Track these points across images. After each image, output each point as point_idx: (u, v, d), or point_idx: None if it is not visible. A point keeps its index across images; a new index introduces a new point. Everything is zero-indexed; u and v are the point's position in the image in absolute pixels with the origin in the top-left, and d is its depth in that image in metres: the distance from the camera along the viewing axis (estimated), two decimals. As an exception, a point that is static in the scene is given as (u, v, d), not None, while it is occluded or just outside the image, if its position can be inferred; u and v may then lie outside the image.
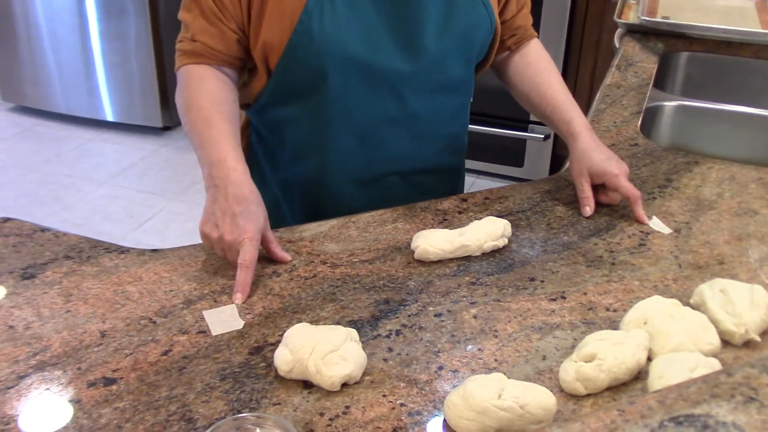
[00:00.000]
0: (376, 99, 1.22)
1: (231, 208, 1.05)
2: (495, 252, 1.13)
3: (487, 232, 1.13)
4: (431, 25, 1.19)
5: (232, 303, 1.01)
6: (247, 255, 1.03)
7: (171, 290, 1.04)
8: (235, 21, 1.16)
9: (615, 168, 1.21)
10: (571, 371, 0.87)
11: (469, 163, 3.28)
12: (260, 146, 1.35)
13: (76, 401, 0.85)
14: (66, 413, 0.84)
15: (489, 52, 1.33)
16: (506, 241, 1.15)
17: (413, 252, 1.11)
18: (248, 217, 1.05)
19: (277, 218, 1.35)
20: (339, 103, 1.22)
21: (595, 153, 1.24)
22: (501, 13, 1.31)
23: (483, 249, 1.13)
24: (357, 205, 1.26)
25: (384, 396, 0.86)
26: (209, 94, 1.17)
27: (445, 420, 0.83)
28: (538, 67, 1.36)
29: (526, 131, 3.23)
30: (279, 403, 0.85)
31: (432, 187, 1.36)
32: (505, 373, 0.86)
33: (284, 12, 1.14)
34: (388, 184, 1.14)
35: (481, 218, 1.17)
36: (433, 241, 1.10)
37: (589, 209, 1.23)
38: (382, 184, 1.11)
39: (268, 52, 1.18)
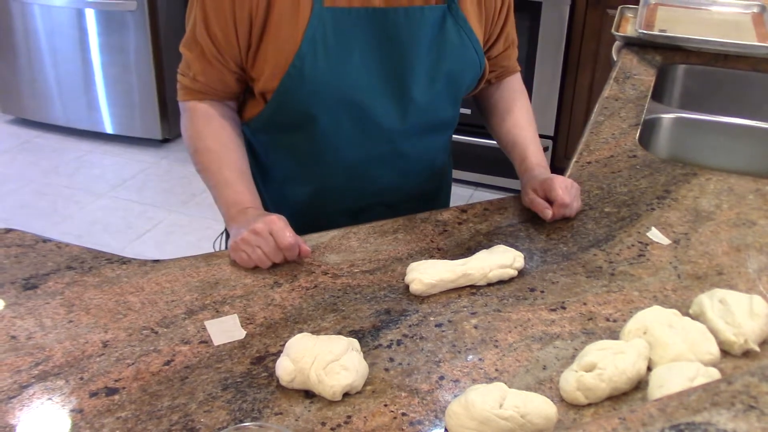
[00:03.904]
0: (366, 140, 1.25)
1: (253, 222, 1.11)
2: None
3: (494, 259, 1.09)
4: (422, 71, 1.21)
5: (234, 313, 1.02)
6: (283, 235, 1.08)
7: (173, 300, 1.04)
8: (233, 60, 1.19)
9: (555, 178, 1.23)
10: (571, 381, 0.87)
11: (469, 175, 3.33)
12: (254, 160, 1.36)
13: (78, 411, 0.85)
14: (68, 423, 0.84)
15: (475, 87, 1.35)
16: (515, 272, 1.10)
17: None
18: (267, 215, 1.13)
19: None
20: (329, 142, 1.24)
21: (540, 173, 1.26)
22: (487, 51, 1.32)
23: (488, 279, 1.08)
24: None
25: (385, 405, 0.87)
26: (216, 135, 1.22)
27: (446, 429, 0.83)
28: (509, 103, 1.38)
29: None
30: (281, 413, 0.85)
31: (417, 210, 1.38)
32: (505, 383, 0.86)
33: (279, 53, 1.15)
34: (375, 213, 1.17)
35: (481, 228, 1.16)
36: (430, 273, 1.06)
37: (548, 212, 1.21)
38: (369, 214, 1.15)
39: (263, 88, 1.20)
